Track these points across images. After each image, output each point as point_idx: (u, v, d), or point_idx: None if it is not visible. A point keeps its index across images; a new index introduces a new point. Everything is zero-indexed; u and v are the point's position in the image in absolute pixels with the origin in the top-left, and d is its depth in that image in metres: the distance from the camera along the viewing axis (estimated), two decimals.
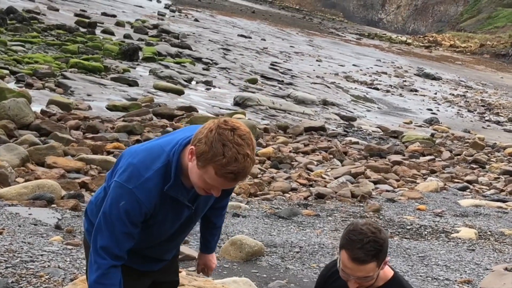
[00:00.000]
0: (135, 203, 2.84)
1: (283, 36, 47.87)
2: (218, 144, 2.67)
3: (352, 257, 3.07)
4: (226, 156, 2.67)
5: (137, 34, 30.17)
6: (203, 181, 2.78)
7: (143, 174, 2.84)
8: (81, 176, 9.66)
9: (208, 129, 2.72)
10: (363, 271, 3.09)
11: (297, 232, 8.17)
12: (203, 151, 2.70)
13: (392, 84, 32.74)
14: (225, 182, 2.76)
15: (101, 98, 16.79)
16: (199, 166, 2.75)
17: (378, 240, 3.07)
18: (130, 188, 2.83)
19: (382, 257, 3.10)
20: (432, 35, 77.64)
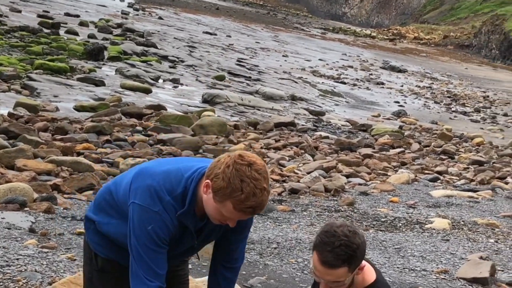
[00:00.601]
0: (163, 224, 2.91)
1: (248, 32, 47.86)
2: (236, 180, 2.73)
3: (322, 260, 2.93)
4: (244, 192, 2.74)
5: (102, 34, 29.89)
6: (220, 214, 2.85)
7: (164, 198, 2.91)
8: (53, 178, 9.53)
9: (225, 165, 2.77)
10: (333, 275, 2.95)
11: (274, 228, 8.17)
12: (221, 187, 2.77)
13: (358, 78, 32.94)
14: (243, 216, 2.84)
15: (68, 99, 16.60)
16: (216, 200, 2.81)
17: (350, 244, 2.90)
18: (156, 211, 2.89)
19: (355, 263, 2.94)
20: (396, 28, 78.32)
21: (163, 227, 2.90)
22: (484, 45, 61.06)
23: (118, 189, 3.10)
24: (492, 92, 34.34)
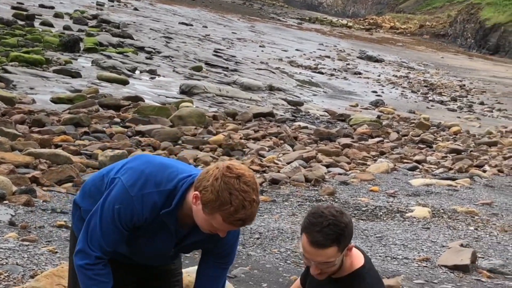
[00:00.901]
0: (129, 209, 2.89)
1: (224, 23, 47.70)
2: (225, 193, 2.73)
3: (311, 240, 2.95)
4: (233, 205, 2.74)
5: (77, 25, 29.58)
6: (210, 225, 2.84)
7: (149, 188, 2.89)
8: (31, 171, 9.43)
9: (214, 177, 2.75)
10: (323, 256, 2.96)
11: (255, 219, 8.15)
12: (210, 200, 2.77)
13: (336, 68, 32.99)
14: (232, 227, 2.84)
15: (45, 91, 16.44)
16: (205, 212, 2.80)
17: (338, 223, 2.93)
18: (131, 195, 2.88)
19: (343, 242, 2.96)
20: (372, 17, 78.48)
21: (127, 214, 2.89)
22: (459, 34, 61.46)
23: (111, 172, 3.09)
24: (468, 81, 34.60)
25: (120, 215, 2.89)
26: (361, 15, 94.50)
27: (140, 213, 2.88)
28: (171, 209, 2.90)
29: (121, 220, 2.90)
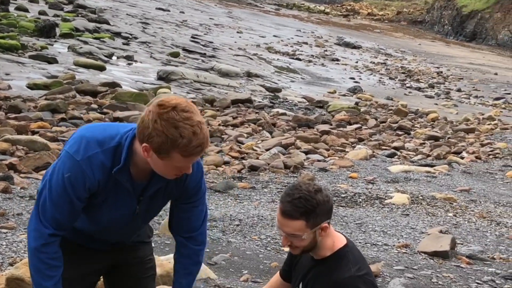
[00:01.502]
0: (80, 174, 2.78)
1: (201, 8, 47.41)
2: (171, 130, 2.62)
3: (281, 209, 2.97)
4: (184, 136, 2.63)
5: (52, 10, 29.25)
6: (172, 168, 2.75)
7: (93, 149, 2.79)
8: (8, 158, 9.33)
9: (152, 121, 2.64)
10: (290, 227, 2.96)
11: (235, 205, 8.14)
12: (160, 143, 2.65)
13: (313, 54, 32.96)
14: (194, 158, 2.73)
15: (20, 76, 16.25)
16: (162, 157, 2.70)
17: (310, 199, 2.92)
18: (78, 160, 2.77)
19: (313, 218, 2.94)
20: (349, 3, 78.37)
21: (78, 178, 2.78)
22: (437, 21, 61.68)
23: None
24: (445, 68, 34.77)
25: (72, 183, 2.79)
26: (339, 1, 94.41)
27: (92, 177, 2.79)
28: (122, 165, 2.80)
29: (74, 189, 2.80)
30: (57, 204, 2.83)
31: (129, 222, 3.03)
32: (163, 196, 3.02)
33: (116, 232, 3.11)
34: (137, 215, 2.99)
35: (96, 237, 3.12)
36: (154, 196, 2.98)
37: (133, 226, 3.11)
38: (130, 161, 2.82)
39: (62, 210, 2.84)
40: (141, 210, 2.99)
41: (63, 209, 2.84)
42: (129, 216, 2.99)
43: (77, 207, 2.86)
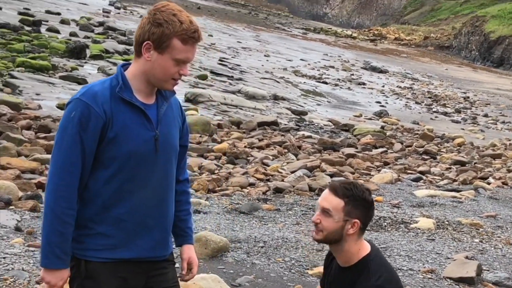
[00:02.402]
0: (84, 107, 2.82)
1: (230, 32, 47.82)
2: (169, 16, 2.82)
3: (330, 185, 3.20)
4: (182, 21, 2.82)
5: (83, 32, 29.73)
6: (172, 62, 2.86)
7: (90, 87, 2.90)
8: (37, 177, 9.48)
9: (150, 18, 2.84)
10: (328, 202, 3.13)
11: (260, 227, 8.17)
12: (161, 32, 2.81)
13: (340, 78, 33.03)
14: (191, 48, 2.88)
15: (51, 97, 16.51)
16: (163, 49, 2.83)
17: (360, 190, 3.13)
18: (78, 97, 2.85)
19: (352, 207, 3.11)
20: (377, 28, 78.56)
21: (84, 110, 2.81)
22: (464, 46, 61.49)
23: None
24: (472, 93, 34.61)
25: (81, 120, 2.81)
26: (366, 26, 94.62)
27: (95, 104, 2.82)
28: (121, 83, 2.88)
29: (82, 124, 2.81)
30: (69, 149, 2.83)
31: (153, 152, 2.97)
32: (173, 120, 3.09)
33: (151, 187, 3.01)
34: (157, 140, 2.96)
35: (128, 226, 3.00)
36: (166, 116, 3.02)
37: (159, 164, 3.01)
38: (129, 83, 2.92)
39: (74, 154, 2.83)
40: (160, 134, 2.97)
41: (76, 153, 2.84)
42: (150, 142, 2.95)
43: (89, 147, 2.85)
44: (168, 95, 3.05)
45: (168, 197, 3.12)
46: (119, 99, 2.88)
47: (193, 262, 3.32)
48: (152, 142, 2.96)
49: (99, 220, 2.96)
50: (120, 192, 2.95)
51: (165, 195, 3.09)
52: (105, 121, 2.85)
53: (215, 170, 11.72)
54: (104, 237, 2.98)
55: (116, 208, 2.96)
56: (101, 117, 2.84)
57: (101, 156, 2.90)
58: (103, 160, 2.90)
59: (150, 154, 2.96)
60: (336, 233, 3.15)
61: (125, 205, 2.97)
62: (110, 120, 2.86)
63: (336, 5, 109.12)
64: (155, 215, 3.06)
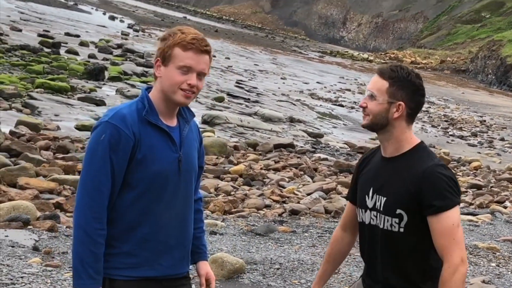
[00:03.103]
0: (114, 130, 2.89)
1: (246, 55, 48.09)
2: (174, 31, 2.96)
3: (378, 68, 3.15)
4: (184, 32, 2.94)
5: (102, 54, 30.05)
6: (175, 71, 2.94)
7: (117, 111, 2.97)
8: (55, 197, 9.57)
9: (162, 38, 2.98)
10: (374, 85, 3.07)
11: (276, 249, 8.19)
12: (165, 45, 2.94)
13: (356, 101, 33.07)
14: (195, 55, 2.94)
15: (69, 118, 16.67)
16: (167, 60, 2.93)
17: (407, 71, 3.06)
18: (106, 120, 2.92)
19: (396, 89, 3.04)
20: (393, 52, 78.72)
21: (114, 133, 2.89)
22: (480, 70, 61.41)
23: None
24: (488, 116, 34.51)
25: (111, 141, 2.89)
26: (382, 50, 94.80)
27: (124, 126, 2.91)
28: (148, 107, 2.97)
29: (112, 146, 2.89)
30: (99, 171, 2.90)
31: (176, 173, 3.05)
32: (193, 142, 3.18)
33: (175, 206, 3.09)
34: (181, 162, 3.05)
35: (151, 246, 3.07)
36: (187, 138, 3.12)
37: (181, 184, 3.10)
38: (154, 106, 3.01)
39: (103, 176, 2.91)
40: (182, 156, 3.06)
41: (105, 174, 2.91)
42: (174, 163, 3.04)
43: (119, 168, 2.93)
44: (189, 117, 3.13)
45: (189, 217, 3.21)
46: (146, 122, 2.97)
47: (211, 277, 3.39)
48: (176, 163, 3.05)
49: (125, 240, 3.03)
50: (146, 212, 3.03)
51: (186, 215, 3.18)
52: (134, 142, 2.94)
53: (231, 191, 11.78)
54: (129, 256, 3.04)
55: (141, 228, 3.03)
56: (130, 138, 2.93)
57: (129, 177, 2.97)
58: (130, 181, 2.98)
59: (174, 175, 3.05)
60: (381, 117, 3.07)
61: (149, 225, 3.05)
62: (138, 142, 2.95)
63: (353, 28, 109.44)
64: (177, 234, 3.15)
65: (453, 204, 2.99)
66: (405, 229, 3.06)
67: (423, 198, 2.99)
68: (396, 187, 3.07)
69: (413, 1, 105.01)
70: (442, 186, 2.98)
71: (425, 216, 3.01)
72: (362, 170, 3.31)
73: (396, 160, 3.13)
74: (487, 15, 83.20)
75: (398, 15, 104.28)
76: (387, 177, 3.13)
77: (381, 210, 3.11)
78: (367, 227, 3.21)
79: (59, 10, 54.81)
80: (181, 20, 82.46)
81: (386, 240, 3.11)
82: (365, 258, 3.31)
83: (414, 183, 3.01)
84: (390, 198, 3.08)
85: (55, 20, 43.62)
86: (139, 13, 78.84)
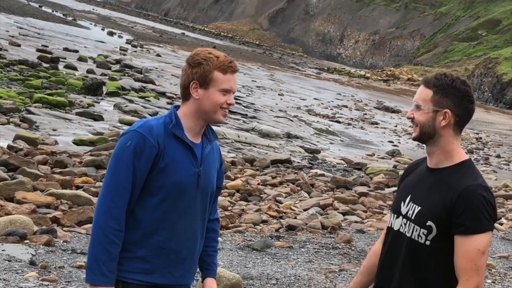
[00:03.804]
0: (140, 138, 3.09)
1: (244, 71, 48.20)
2: (207, 55, 3.16)
3: (423, 79, 3.13)
4: (218, 56, 3.17)
5: (100, 69, 30.14)
6: (218, 93, 3.17)
7: (145, 122, 3.19)
8: (52, 211, 9.57)
9: (189, 63, 3.21)
10: (419, 95, 3.05)
11: (272, 264, 8.22)
12: (203, 70, 3.15)
13: (353, 117, 33.18)
14: (232, 77, 3.20)
15: (67, 132, 16.71)
16: (207, 84, 3.15)
17: (451, 78, 3.01)
18: (134, 129, 3.12)
19: (441, 96, 2.99)
20: (390, 69, 78.99)
21: (140, 141, 3.08)
22: (477, 87, 61.64)
23: None
24: (485, 134, 34.63)
25: (136, 149, 3.08)
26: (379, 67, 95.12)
27: (150, 136, 3.10)
28: (175, 121, 3.17)
29: (137, 153, 3.08)
30: (122, 175, 3.08)
31: (195, 187, 3.22)
32: (214, 161, 3.36)
33: (186, 211, 3.23)
34: (200, 176, 3.22)
35: (165, 253, 3.21)
36: (208, 156, 3.29)
37: (195, 188, 3.24)
38: (180, 122, 3.21)
39: (126, 180, 3.09)
40: (202, 171, 3.23)
41: (128, 179, 3.09)
42: (193, 177, 3.20)
43: (141, 174, 3.11)
44: (212, 137, 3.33)
45: (201, 231, 3.37)
46: (172, 135, 3.17)
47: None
48: (196, 177, 3.22)
49: (140, 245, 3.20)
50: (162, 221, 3.20)
51: (199, 228, 3.35)
52: (157, 151, 3.12)
53: (229, 206, 11.80)
54: (143, 261, 3.20)
55: (157, 236, 3.20)
56: (154, 147, 3.11)
57: (150, 184, 3.15)
58: (151, 189, 3.16)
59: (192, 188, 3.23)
60: (428, 126, 3.02)
61: (165, 234, 3.22)
62: (162, 152, 3.13)
63: (350, 46, 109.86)
64: (189, 246, 3.30)
65: (484, 229, 2.92)
66: (431, 242, 3.00)
67: (456, 216, 2.93)
68: (432, 199, 3.02)
69: (410, 19, 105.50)
70: (478, 208, 2.91)
71: (453, 234, 2.95)
72: (404, 179, 3.30)
73: (440, 172, 3.07)
74: (483, 33, 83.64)
75: (395, 32, 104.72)
76: (426, 187, 3.08)
77: (412, 218, 3.06)
78: (393, 233, 3.18)
79: (58, 26, 54.99)
80: (180, 36, 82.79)
81: (410, 250, 3.07)
82: (382, 264, 3.26)
83: (451, 199, 2.95)
84: (424, 209, 3.03)
85: (54, 35, 43.77)
86: (138, 29, 79.10)
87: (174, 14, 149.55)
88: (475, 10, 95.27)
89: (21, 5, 70.06)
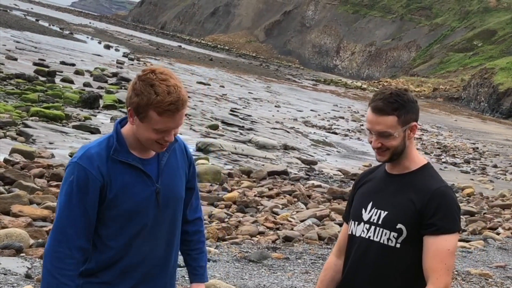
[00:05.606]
0: (82, 171, 2.86)
1: (241, 83, 48.32)
2: (147, 88, 2.77)
3: (373, 107, 3.00)
4: (159, 93, 2.76)
5: (97, 82, 30.18)
6: (152, 131, 2.85)
7: (86, 150, 2.92)
8: (48, 224, 9.57)
9: (132, 86, 2.82)
10: (382, 125, 2.99)
11: (269, 275, 8.21)
12: (138, 102, 2.79)
13: (349, 128, 33.24)
14: (171, 119, 2.83)
15: (64, 146, 16.71)
16: (141, 118, 2.82)
17: (401, 94, 3.00)
18: (75, 161, 2.88)
19: (404, 114, 2.99)
20: (386, 80, 79.21)
21: (81, 174, 2.85)
22: (473, 97, 61.80)
23: None
24: (481, 143, 34.68)
25: (78, 184, 2.85)
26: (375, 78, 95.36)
27: (91, 168, 2.86)
28: (115, 145, 2.91)
29: (80, 190, 2.85)
30: (71, 214, 2.86)
31: (155, 207, 3.01)
32: (177, 169, 3.10)
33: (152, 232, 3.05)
34: (159, 194, 2.99)
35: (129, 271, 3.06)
36: (168, 165, 3.04)
37: (155, 205, 3.03)
38: (125, 141, 2.93)
39: (76, 220, 2.86)
40: (161, 187, 3.00)
41: (77, 218, 2.86)
42: (151, 197, 2.98)
43: (91, 208, 2.89)
44: (169, 145, 3.02)
45: (174, 245, 3.19)
46: (116, 160, 2.92)
47: None
48: (154, 197, 3.00)
49: (106, 272, 3.03)
50: (128, 246, 3.01)
51: (171, 243, 3.16)
52: (102, 183, 2.89)
53: (225, 218, 11.80)
54: (109, 285, 3.04)
55: (123, 261, 3.02)
56: (98, 179, 2.88)
57: (103, 216, 2.95)
58: (104, 220, 2.96)
59: (152, 208, 3.01)
60: (401, 145, 3.05)
61: (133, 258, 3.04)
62: (108, 182, 2.90)
63: (346, 57, 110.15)
64: (161, 263, 3.14)
65: (455, 229, 2.98)
66: (401, 245, 3.02)
67: (427, 217, 2.97)
68: (400, 202, 3.04)
69: (406, 30, 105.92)
70: (450, 209, 2.97)
71: (422, 235, 2.98)
72: (360, 187, 3.29)
73: (403, 177, 3.11)
74: (479, 44, 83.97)
75: (391, 43, 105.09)
76: (389, 192, 3.10)
77: (380, 223, 3.07)
78: (358, 240, 3.16)
79: (54, 39, 55.13)
80: (176, 49, 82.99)
81: (379, 254, 3.07)
82: (347, 273, 3.24)
83: (421, 201, 2.99)
84: (391, 213, 3.05)
85: (50, 49, 43.86)
86: (135, 42, 79.30)
87: (170, 27, 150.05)
88: (471, 20, 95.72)
89: (18, 19, 70.30)
